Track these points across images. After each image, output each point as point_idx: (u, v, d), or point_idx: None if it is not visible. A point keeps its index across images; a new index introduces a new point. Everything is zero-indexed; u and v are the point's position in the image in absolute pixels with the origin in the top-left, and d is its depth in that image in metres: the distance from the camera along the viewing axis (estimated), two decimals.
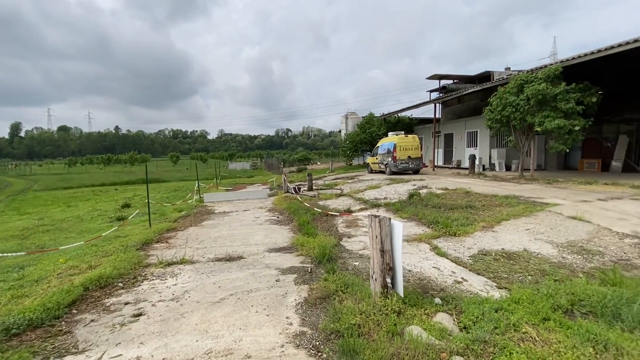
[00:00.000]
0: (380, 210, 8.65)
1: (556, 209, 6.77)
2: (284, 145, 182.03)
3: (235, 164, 47.18)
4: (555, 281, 3.78)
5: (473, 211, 7.40)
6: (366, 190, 12.17)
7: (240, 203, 11.95)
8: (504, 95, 11.93)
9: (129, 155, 61.65)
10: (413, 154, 16.72)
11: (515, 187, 10.10)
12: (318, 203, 10.55)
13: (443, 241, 5.62)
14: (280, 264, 4.88)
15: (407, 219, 7.37)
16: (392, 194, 10.70)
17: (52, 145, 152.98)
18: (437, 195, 9.42)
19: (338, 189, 13.59)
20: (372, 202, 9.69)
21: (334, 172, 23.44)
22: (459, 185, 10.70)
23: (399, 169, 16.53)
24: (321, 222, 7.82)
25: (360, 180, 15.77)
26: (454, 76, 21.17)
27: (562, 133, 10.36)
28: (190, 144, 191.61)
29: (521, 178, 12.23)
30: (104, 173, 40.82)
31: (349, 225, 7.37)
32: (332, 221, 7.85)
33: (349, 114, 31.47)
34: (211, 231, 7.43)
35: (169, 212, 10.41)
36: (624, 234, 5.13)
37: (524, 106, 11.22)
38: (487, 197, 8.52)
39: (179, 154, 71.79)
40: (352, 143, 25.91)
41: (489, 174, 14.99)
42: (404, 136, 17.21)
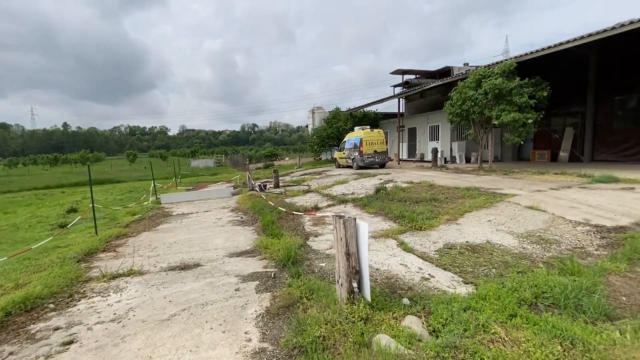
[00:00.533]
0: (348, 206, 8.51)
1: (514, 199, 7.00)
2: (250, 141, 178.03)
3: (198, 161, 45.14)
4: (518, 273, 3.80)
5: (437, 204, 7.47)
6: (334, 185, 12.02)
7: (202, 203, 11.30)
8: (464, 89, 12.27)
9: (80, 154, 56.88)
10: (379, 148, 16.89)
11: (476, 178, 10.44)
12: (285, 201, 10.22)
13: (409, 236, 5.56)
14: (241, 271, 4.53)
15: (374, 214, 7.28)
16: (360, 188, 10.63)
17: None
18: (403, 189, 9.47)
19: (306, 185, 13.32)
20: (340, 197, 9.54)
21: (302, 167, 23.15)
22: (423, 179, 10.86)
23: (365, 164, 16.64)
24: (287, 221, 7.52)
25: (328, 175, 15.62)
26: (416, 71, 21.62)
27: (517, 126, 10.84)
28: (150, 141, 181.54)
29: (480, 170, 12.71)
30: (49, 174, 37.26)
31: (316, 223, 7.14)
32: (298, 219, 7.58)
33: (315, 109, 31.23)
34: (167, 236, 6.86)
35: (121, 216, 9.56)
36: (576, 221, 5.36)
37: (482, 100, 11.60)
38: (450, 189, 8.68)
39: (136, 152, 67.47)
40: (319, 138, 25.72)
41: (450, 166, 15.49)
42: (370, 131, 17.29)
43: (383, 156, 17.01)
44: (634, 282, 3.45)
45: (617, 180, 8.13)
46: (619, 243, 4.41)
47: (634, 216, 5.29)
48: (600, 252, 4.28)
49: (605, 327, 2.59)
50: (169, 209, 10.56)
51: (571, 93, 13.99)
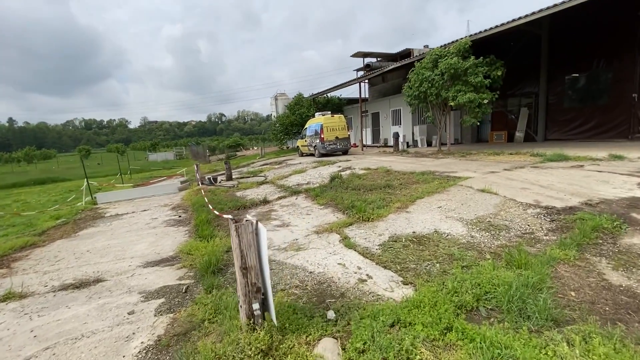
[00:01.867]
0: (300, 197, 7.89)
1: (467, 182, 6.70)
2: (218, 131, 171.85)
3: (157, 154, 42.55)
4: (463, 268, 3.37)
5: (391, 191, 7.04)
6: (291, 175, 11.34)
7: (143, 201, 10.22)
8: (420, 70, 11.90)
9: (24, 152, 51.77)
10: (340, 134, 16.37)
11: (433, 162, 10.18)
12: (235, 194, 9.43)
13: (355, 229, 5.03)
14: (149, 285, 3.77)
15: (325, 205, 6.71)
16: (316, 177, 10.04)
17: None
18: (359, 176, 8.98)
19: (262, 176, 12.54)
20: (293, 188, 8.89)
21: (265, 157, 22.22)
22: (381, 164, 10.46)
23: (327, 151, 16.09)
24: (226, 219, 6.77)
25: (288, 165, 14.89)
26: (377, 54, 21.09)
27: (472, 107, 10.65)
28: (109, 135, 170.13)
29: (439, 153, 12.54)
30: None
31: (260, 218, 6.45)
32: (242, 215, 6.85)
33: (278, 95, 30.07)
34: (82, 244, 5.89)
35: (42, 222, 8.32)
36: (527, 204, 5.08)
37: (439, 81, 11.29)
38: (406, 174, 8.30)
39: (89, 147, 62.64)
40: (282, 126, 24.75)
41: (411, 150, 15.29)
42: (331, 116, 16.66)
43: (345, 142, 16.52)
44: (583, 271, 3.10)
45: (567, 158, 8.10)
46: (569, 226, 4.12)
47: (583, 195, 5.09)
48: (550, 238, 3.96)
49: (552, 336, 2.16)
50: (103, 210, 9.41)
51: (526, 73, 14.09)
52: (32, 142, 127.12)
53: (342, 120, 16.72)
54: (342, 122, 16.64)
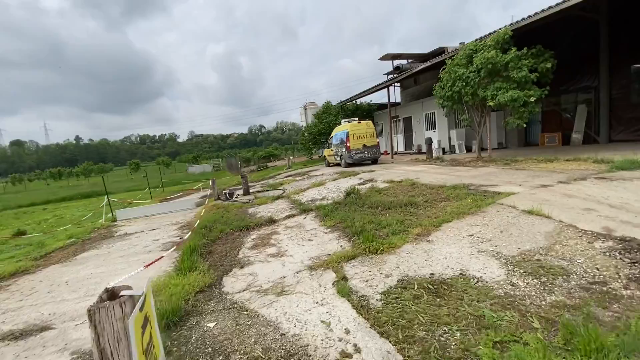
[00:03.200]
0: (309, 216, 7.01)
1: (510, 200, 5.37)
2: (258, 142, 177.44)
3: (196, 167, 44.24)
4: (495, 345, 2.26)
5: (412, 210, 5.90)
6: (308, 189, 10.52)
7: (157, 218, 9.99)
8: (453, 68, 10.56)
9: (83, 167, 56.87)
10: (368, 141, 15.07)
11: (469, 172, 8.76)
12: (247, 211, 8.81)
13: (358, 264, 4.02)
14: (89, 341, 3.10)
15: (331, 228, 5.75)
16: (334, 192, 9.10)
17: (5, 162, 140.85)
18: (379, 190, 7.90)
19: (281, 189, 11.87)
20: (306, 205, 8.04)
21: (292, 168, 21.69)
22: (408, 176, 9.25)
23: (354, 160, 14.86)
24: (226, 241, 6.08)
25: (310, 176, 14.11)
26: (408, 55, 19.73)
27: (516, 106, 9.09)
28: (160, 148, 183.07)
29: (478, 160, 10.99)
30: (46, 190, 36.96)
31: (257, 243, 5.66)
32: (242, 238, 6.13)
33: (307, 105, 29.70)
34: (70, 271, 5.51)
35: (54, 242, 8.29)
36: (593, 233, 3.74)
37: (475, 79, 9.87)
38: (434, 189, 7.07)
39: (139, 161, 67.27)
40: (310, 135, 24.20)
41: (447, 157, 13.76)
42: (357, 123, 15.47)
43: (374, 150, 15.15)
44: None
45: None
46: None
47: None
48: (633, 293, 2.67)
49: None
50: (117, 228, 9.27)
51: (581, 65, 12.06)
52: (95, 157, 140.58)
53: (370, 127, 15.43)
54: (370, 129, 15.33)
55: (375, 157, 15.27)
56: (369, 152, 15.01)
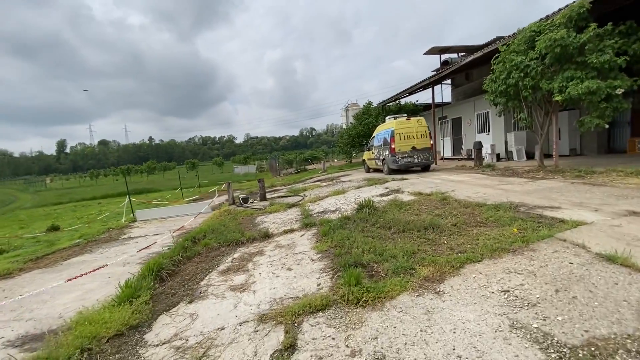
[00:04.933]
0: (309, 232, 5.86)
1: (578, 233, 3.65)
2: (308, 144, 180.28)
3: (241, 167, 45.50)
4: None
5: (433, 237, 4.43)
6: (327, 197, 9.34)
7: (170, 221, 9.62)
8: (508, 56, 8.58)
9: (147, 165, 62.28)
10: (419, 143, 12.17)
11: (524, 185, 6.84)
12: (254, 219, 7.98)
13: (324, 323, 2.77)
14: None
15: (323, 254, 4.53)
16: (351, 202, 7.81)
17: (93, 159, 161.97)
18: (400, 204, 6.43)
19: (301, 195, 10.86)
20: (313, 218, 6.92)
21: (326, 171, 20.63)
22: (444, 187, 7.61)
23: (399, 166, 12.13)
24: (205, 258, 5.21)
25: (338, 182, 12.89)
26: (458, 48, 17.35)
27: (595, 100, 6.92)
28: (219, 149, 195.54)
29: (540, 170, 8.82)
30: (112, 185, 40.76)
31: (232, 267, 4.67)
32: (222, 257, 5.22)
33: (349, 106, 28.43)
34: (40, 280, 5.11)
35: (65, 241, 8.25)
36: None
37: (536, 67, 7.85)
38: (469, 207, 5.45)
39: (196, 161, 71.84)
40: (349, 137, 22.90)
41: (501, 165, 11.54)
42: (406, 120, 12.54)
43: (426, 155, 12.25)
44: None
45: None
46: None
47: None
48: None
49: None
50: (128, 230, 9.07)
51: None
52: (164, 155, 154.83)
53: (422, 125, 12.42)
54: (422, 128, 12.37)
55: (427, 162, 12.40)
56: (419, 156, 12.13)
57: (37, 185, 49.67)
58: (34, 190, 43.55)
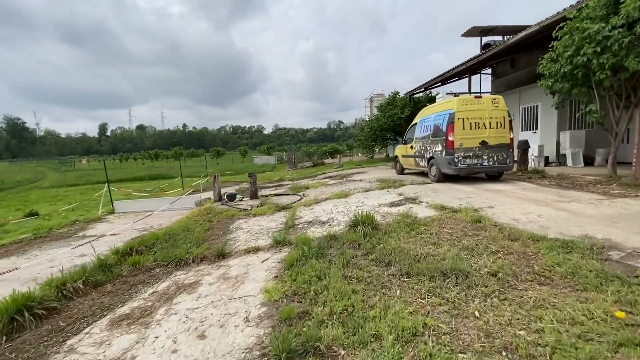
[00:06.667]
0: (274, 256, 4.16)
1: None
2: (335, 137, 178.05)
3: (260, 157, 44.49)
4: None
5: (456, 293, 2.60)
6: (325, 201, 7.58)
7: (146, 217, 8.30)
8: (581, 25, 6.28)
9: (174, 150, 63.12)
10: (493, 136, 7.71)
11: (598, 207, 4.69)
12: (230, 225, 6.48)
13: None
14: None
15: (268, 309, 2.82)
16: (350, 211, 6.00)
17: (131, 143, 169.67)
18: (413, 223, 4.55)
19: (300, 195, 9.18)
20: (296, 229, 5.25)
21: (342, 167, 18.75)
22: (475, 200, 5.62)
23: (459, 170, 7.65)
24: (117, 286, 3.68)
25: (348, 181, 11.05)
26: (505, 28, 14.58)
27: None
28: (248, 138, 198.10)
29: (612, 181, 6.51)
30: (135, 169, 41.26)
31: (131, 314, 3.08)
32: (140, 287, 3.68)
33: (374, 96, 26.14)
34: None
35: (14, 234, 7.12)
36: None
37: (621, 39, 5.56)
38: (518, 240, 3.49)
39: (221, 149, 72.25)
40: (371, 130, 20.78)
41: (552, 171, 9.16)
42: (474, 98, 7.99)
43: (502, 155, 7.71)
44: None
45: None
46: None
47: None
48: None
49: None
50: (96, 224, 7.86)
51: None
52: (196, 142, 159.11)
53: (501, 107, 7.88)
54: (500, 112, 7.84)
55: (501, 168, 7.83)
56: (491, 156, 7.68)
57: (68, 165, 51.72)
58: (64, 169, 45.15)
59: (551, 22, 8.13)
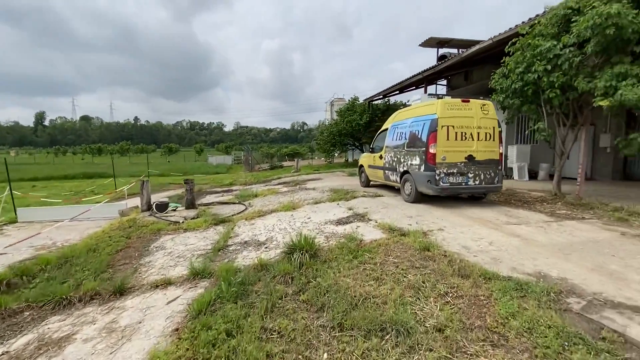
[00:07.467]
0: (189, 294, 3.36)
1: None
2: (299, 138, 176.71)
3: (216, 157, 42.28)
4: None
5: (398, 359, 2.00)
6: (270, 214, 6.83)
7: (57, 230, 6.95)
8: (533, 41, 6.20)
9: (119, 145, 58.23)
10: (482, 149, 6.45)
11: (548, 232, 4.48)
12: (151, 243, 5.52)
13: None
14: None
15: None
16: (294, 229, 5.34)
17: (73, 135, 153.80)
18: (357, 250, 3.98)
19: (245, 204, 8.34)
20: (227, 252, 4.46)
21: (299, 171, 18.11)
22: (424, 220, 5.23)
23: (441, 190, 6.27)
24: None
25: (302, 188, 10.39)
26: (460, 42, 14.94)
27: None
28: (207, 135, 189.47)
29: (557, 199, 6.54)
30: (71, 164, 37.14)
31: None
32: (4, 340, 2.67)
33: (334, 100, 25.87)
34: None
35: None
36: None
37: (571, 58, 5.52)
38: (469, 278, 3.04)
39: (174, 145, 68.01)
40: (329, 135, 20.38)
41: None
42: (461, 102, 6.54)
43: (490, 173, 6.49)
44: None
45: None
46: None
47: None
48: None
49: None
50: None
51: None
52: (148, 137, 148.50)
53: (490, 115, 6.58)
54: (490, 121, 6.56)
55: (490, 187, 6.55)
56: (477, 174, 6.41)
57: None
58: None
59: (504, 37, 8.15)
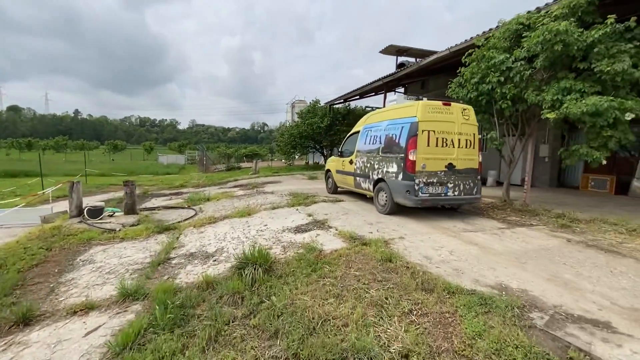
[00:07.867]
0: (115, 320, 2.80)
1: None
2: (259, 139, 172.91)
3: (167, 157, 39.61)
4: None
5: None
6: (222, 220, 6.29)
7: None
8: (487, 53, 6.42)
9: (55, 141, 52.27)
10: (462, 157, 5.95)
11: (503, 239, 4.56)
12: (78, 256, 4.75)
13: None
14: None
15: None
16: (249, 238, 4.91)
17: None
18: (316, 262, 3.68)
19: (195, 209, 7.67)
20: (169, 266, 3.89)
21: (258, 173, 17.47)
22: (385, 227, 5.10)
23: (420, 201, 5.63)
24: None
25: (260, 192, 9.88)
26: (418, 52, 15.48)
27: (599, 125, 4.96)
28: (158, 133, 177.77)
29: (507, 206, 6.84)
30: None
31: None
32: None
33: (296, 102, 25.57)
34: None
35: None
36: None
37: (523, 71, 5.77)
38: (432, 292, 2.88)
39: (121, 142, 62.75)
40: (290, 136, 19.98)
41: None
42: (442, 105, 5.92)
43: (469, 182, 6.01)
44: None
45: None
46: None
47: None
48: None
49: None
50: None
51: None
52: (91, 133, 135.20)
53: (471, 121, 6.09)
54: (471, 127, 6.07)
55: (469, 198, 6.09)
56: (457, 184, 5.91)
57: None
58: None
59: (461, 48, 8.44)
